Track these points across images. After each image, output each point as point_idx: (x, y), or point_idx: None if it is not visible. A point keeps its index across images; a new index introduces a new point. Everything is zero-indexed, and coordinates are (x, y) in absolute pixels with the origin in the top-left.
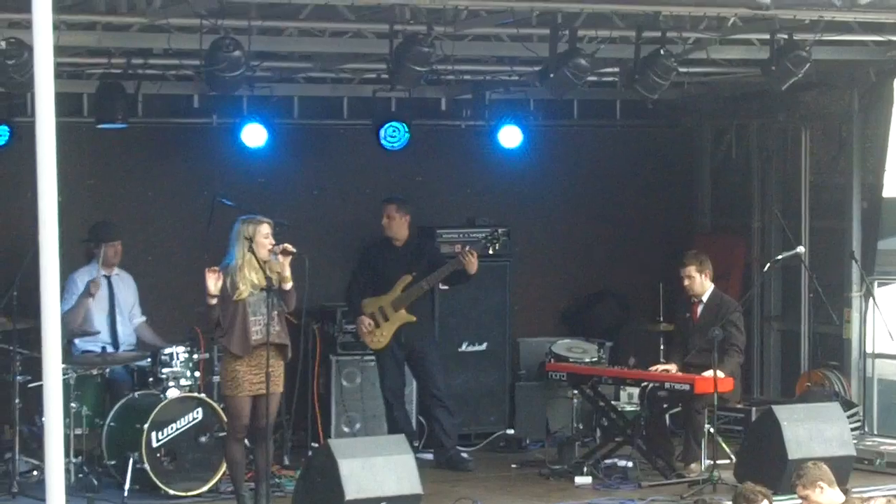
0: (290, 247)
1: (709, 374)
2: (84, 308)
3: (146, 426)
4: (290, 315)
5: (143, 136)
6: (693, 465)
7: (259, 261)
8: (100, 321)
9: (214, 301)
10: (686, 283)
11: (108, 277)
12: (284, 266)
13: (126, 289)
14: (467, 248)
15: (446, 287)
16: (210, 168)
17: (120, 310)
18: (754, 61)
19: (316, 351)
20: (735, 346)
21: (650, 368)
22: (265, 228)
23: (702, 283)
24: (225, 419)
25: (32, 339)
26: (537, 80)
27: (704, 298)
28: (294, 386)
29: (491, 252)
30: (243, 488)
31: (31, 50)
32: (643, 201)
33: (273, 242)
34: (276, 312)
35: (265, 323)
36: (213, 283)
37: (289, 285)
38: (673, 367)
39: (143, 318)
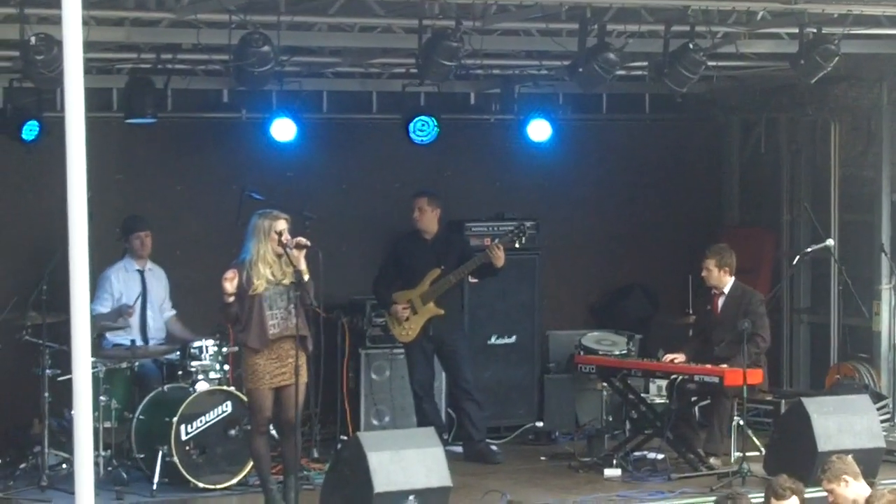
0: (303, 240)
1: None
2: (115, 322)
3: (175, 419)
4: (317, 307)
5: (173, 131)
6: (713, 460)
7: (289, 255)
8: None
9: (231, 299)
10: (703, 273)
11: (141, 272)
12: (299, 259)
13: (158, 283)
14: (494, 241)
15: (475, 280)
16: (239, 162)
17: (151, 304)
18: (783, 55)
19: (345, 344)
20: (759, 336)
21: (662, 358)
22: (281, 224)
23: (718, 277)
24: None
25: (62, 332)
26: (566, 74)
27: (725, 290)
28: (321, 379)
29: (518, 245)
30: (271, 481)
31: (61, 45)
32: (672, 195)
33: (288, 237)
34: (292, 305)
35: (283, 316)
36: (229, 283)
37: (305, 277)
38: (681, 357)
39: (174, 312)
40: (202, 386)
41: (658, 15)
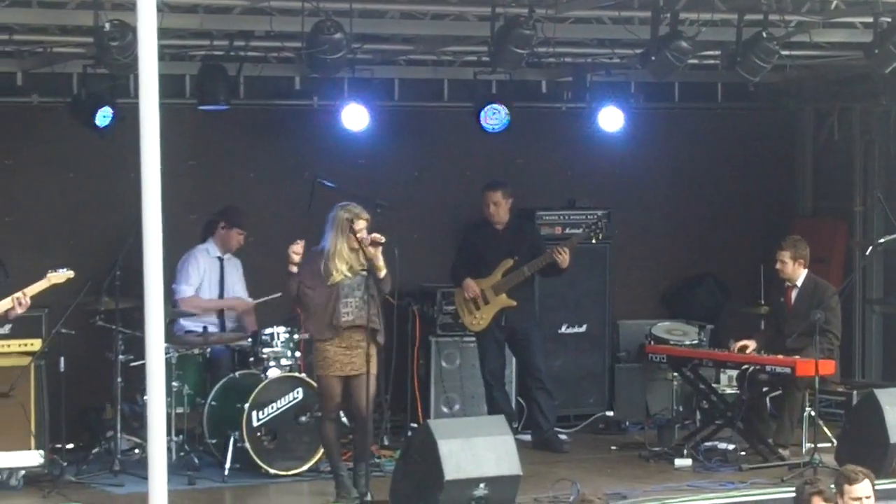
0: (378, 237)
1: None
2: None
3: (247, 406)
4: (388, 295)
5: (245, 118)
6: (782, 451)
7: (361, 244)
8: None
9: (295, 269)
10: (777, 265)
11: (221, 260)
12: (377, 255)
13: (234, 271)
14: (560, 246)
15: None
16: (311, 150)
17: (227, 292)
18: (857, 44)
19: (415, 332)
20: (831, 332)
21: (731, 346)
22: (361, 223)
23: (793, 270)
24: None
25: (135, 318)
26: (638, 62)
27: (798, 283)
28: (392, 367)
29: (594, 241)
30: (341, 468)
31: (135, 32)
32: (744, 184)
33: (365, 235)
34: (368, 295)
35: (357, 305)
36: (295, 254)
37: (382, 273)
38: (752, 344)
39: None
40: (273, 372)
41: (731, 3)
